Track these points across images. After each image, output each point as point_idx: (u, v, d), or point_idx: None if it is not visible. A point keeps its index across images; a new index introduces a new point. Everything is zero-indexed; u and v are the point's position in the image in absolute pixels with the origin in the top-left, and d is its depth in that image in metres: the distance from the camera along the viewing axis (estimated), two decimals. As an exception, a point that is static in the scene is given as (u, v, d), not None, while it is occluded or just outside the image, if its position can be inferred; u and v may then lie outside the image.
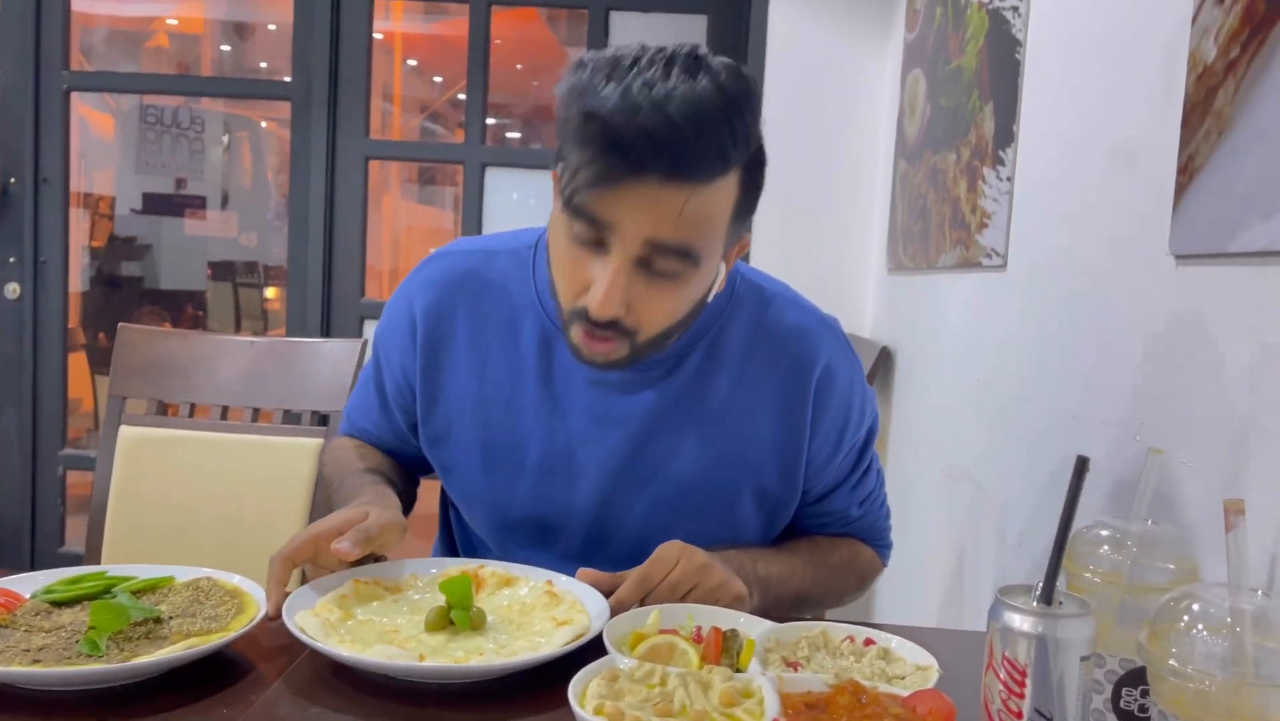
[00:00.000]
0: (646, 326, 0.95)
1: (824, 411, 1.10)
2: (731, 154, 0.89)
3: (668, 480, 1.07)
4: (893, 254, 2.46)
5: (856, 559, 1.22)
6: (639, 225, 0.88)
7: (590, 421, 1.06)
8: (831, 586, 1.17)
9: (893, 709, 0.73)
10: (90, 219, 5.66)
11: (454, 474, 1.14)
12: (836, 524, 1.22)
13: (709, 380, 1.07)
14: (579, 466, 1.07)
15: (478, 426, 1.10)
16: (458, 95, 6.45)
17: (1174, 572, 0.79)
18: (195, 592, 0.91)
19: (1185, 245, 1.00)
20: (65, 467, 3.16)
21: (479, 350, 1.09)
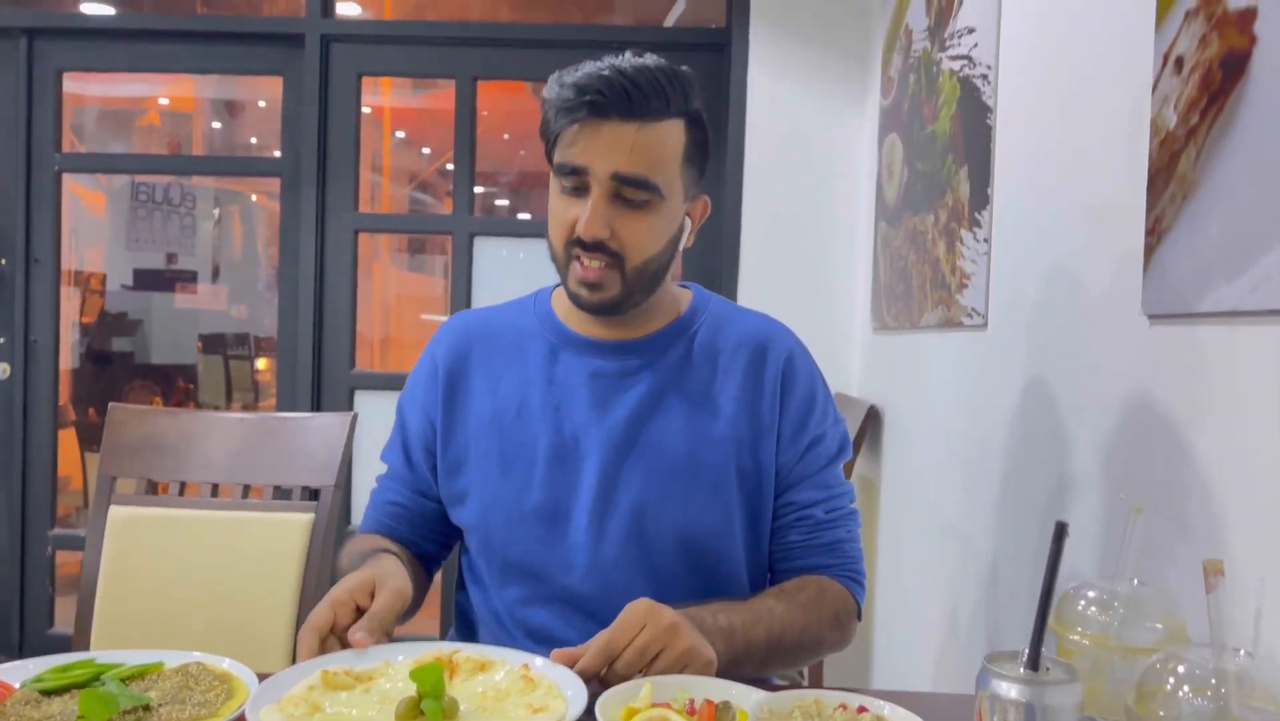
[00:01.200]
0: (630, 249, 1.13)
1: (790, 392, 1.21)
2: (672, 100, 1.11)
3: (660, 455, 1.18)
4: (877, 313, 2.49)
5: (824, 593, 1.19)
6: (605, 162, 1.10)
7: (591, 410, 1.19)
8: (804, 625, 1.14)
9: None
10: (81, 295, 5.68)
11: (471, 492, 1.22)
12: (804, 529, 1.22)
13: (688, 371, 1.21)
14: (583, 450, 1.18)
15: (493, 438, 1.21)
16: (446, 165, 6.53)
17: (1162, 632, 0.80)
18: (184, 678, 0.91)
19: (1157, 305, 1.02)
20: (54, 547, 3.13)
21: (491, 374, 1.24)
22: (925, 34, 2.07)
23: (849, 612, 1.21)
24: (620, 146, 1.10)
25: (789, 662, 1.15)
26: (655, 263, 1.16)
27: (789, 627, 1.12)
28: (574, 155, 1.11)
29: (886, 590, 2.31)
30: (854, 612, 1.22)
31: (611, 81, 1.09)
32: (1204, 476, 0.92)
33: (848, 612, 1.21)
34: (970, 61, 1.73)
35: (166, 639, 1.56)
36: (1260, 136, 0.86)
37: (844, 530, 1.23)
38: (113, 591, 1.61)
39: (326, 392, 3.06)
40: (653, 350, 1.21)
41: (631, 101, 1.09)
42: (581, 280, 1.14)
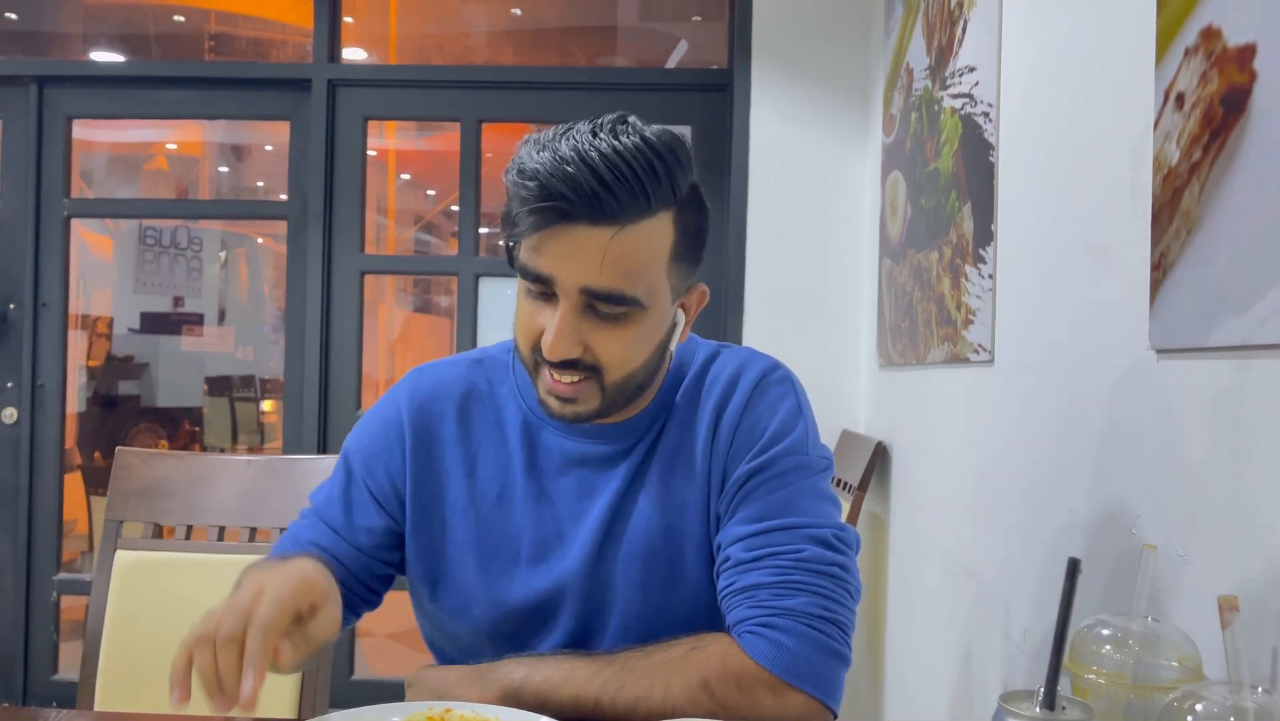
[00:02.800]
0: (608, 365, 1.00)
1: (723, 425, 1.07)
2: (655, 194, 0.95)
3: (635, 540, 1.07)
4: (883, 350, 2.49)
5: (693, 654, 0.96)
6: (573, 274, 0.95)
7: (574, 500, 1.09)
8: (637, 694, 0.93)
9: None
10: (88, 339, 5.70)
11: (446, 580, 1.12)
12: (724, 575, 1.03)
13: (671, 443, 1.09)
14: (567, 544, 1.09)
15: (470, 526, 1.11)
16: (451, 206, 6.58)
17: (1178, 670, 0.79)
18: None
19: (1165, 340, 1.02)
20: (59, 592, 3.12)
21: (469, 451, 1.12)
22: (926, 72, 2.09)
23: (736, 681, 0.94)
24: (589, 257, 0.93)
25: None
26: (641, 374, 1.03)
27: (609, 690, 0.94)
28: (538, 263, 0.96)
29: (897, 627, 2.29)
30: (751, 680, 0.94)
31: (578, 182, 0.91)
32: (1217, 511, 0.91)
33: (731, 680, 0.94)
34: (971, 99, 1.75)
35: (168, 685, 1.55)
36: (1263, 171, 0.87)
37: (768, 571, 0.99)
38: (119, 636, 1.60)
39: (333, 434, 3.06)
40: (639, 429, 1.10)
41: (602, 205, 0.92)
42: (552, 392, 1.01)
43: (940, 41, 1.99)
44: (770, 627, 0.96)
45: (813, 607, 0.97)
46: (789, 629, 0.95)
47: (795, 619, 0.96)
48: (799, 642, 0.95)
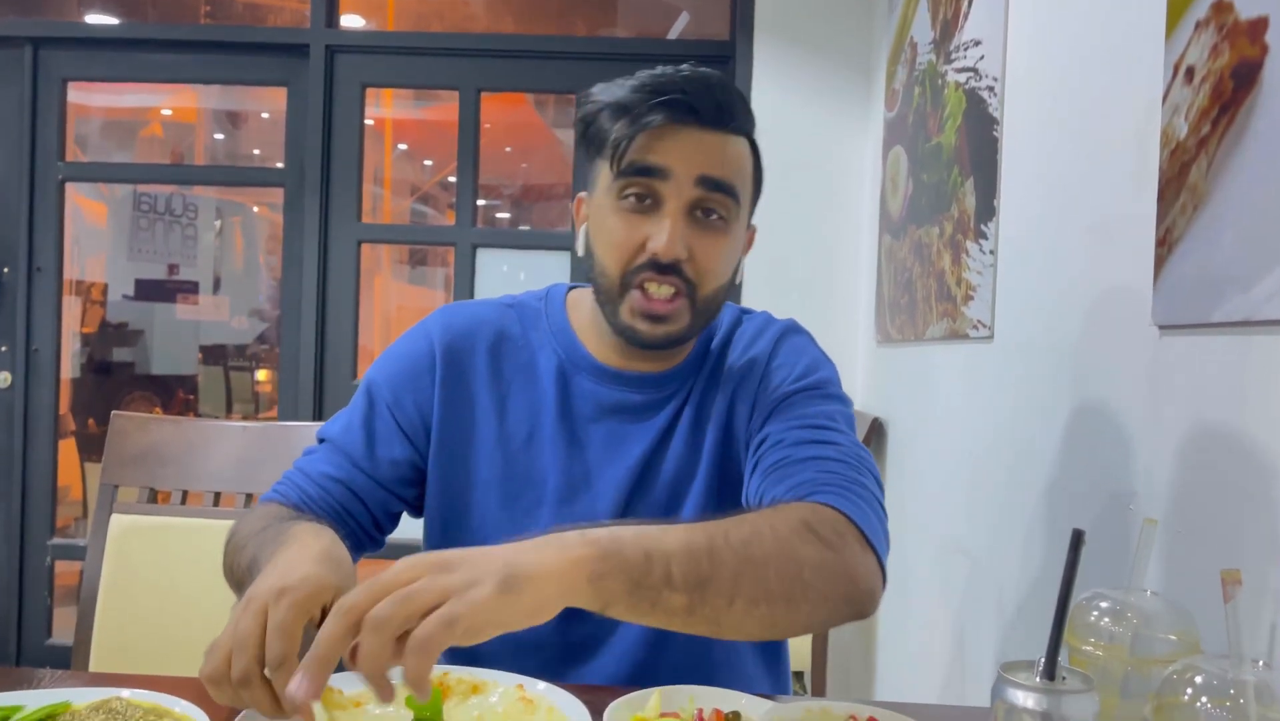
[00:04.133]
0: (704, 277, 1.02)
1: (752, 377, 1.09)
2: (745, 116, 1.03)
3: (663, 492, 1.08)
4: (881, 326, 2.49)
5: (781, 509, 0.88)
6: (691, 164, 0.99)
7: (605, 448, 1.09)
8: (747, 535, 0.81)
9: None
10: (82, 305, 5.68)
11: (465, 519, 1.12)
12: (766, 465, 0.99)
13: (705, 400, 1.11)
14: (595, 491, 1.09)
15: (497, 465, 1.10)
16: (448, 178, 6.54)
17: (1176, 644, 0.79)
18: (108, 716, 0.84)
19: (1168, 316, 1.02)
20: (53, 557, 3.12)
21: (499, 391, 1.12)
22: (930, 46, 2.07)
23: (832, 525, 0.86)
24: (709, 150, 0.99)
25: (755, 590, 0.79)
26: (723, 294, 1.06)
27: (719, 540, 0.79)
28: (652, 157, 0.99)
29: (890, 603, 2.30)
30: (843, 526, 0.87)
31: (696, 84, 0.99)
32: (1217, 487, 0.91)
33: (828, 524, 0.86)
34: (976, 74, 1.73)
35: (168, 647, 1.55)
36: (1272, 145, 0.86)
37: (833, 449, 0.97)
38: (114, 600, 1.60)
39: (328, 404, 3.06)
40: (675, 382, 1.11)
41: (720, 107, 1.00)
42: (646, 312, 1.00)
43: (945, 15, 1.97)
44: (851, 492, 0.92)
45: (879, 494, 0.96)
46: (867, 500, 0.92)
47: (869, 495, 0.93)
48: (875, 514, 0.92)
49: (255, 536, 0.97)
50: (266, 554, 0.88)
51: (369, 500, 1.12)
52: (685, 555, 0.76)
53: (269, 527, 0.97)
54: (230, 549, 1.06)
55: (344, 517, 1.11)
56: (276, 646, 0.72)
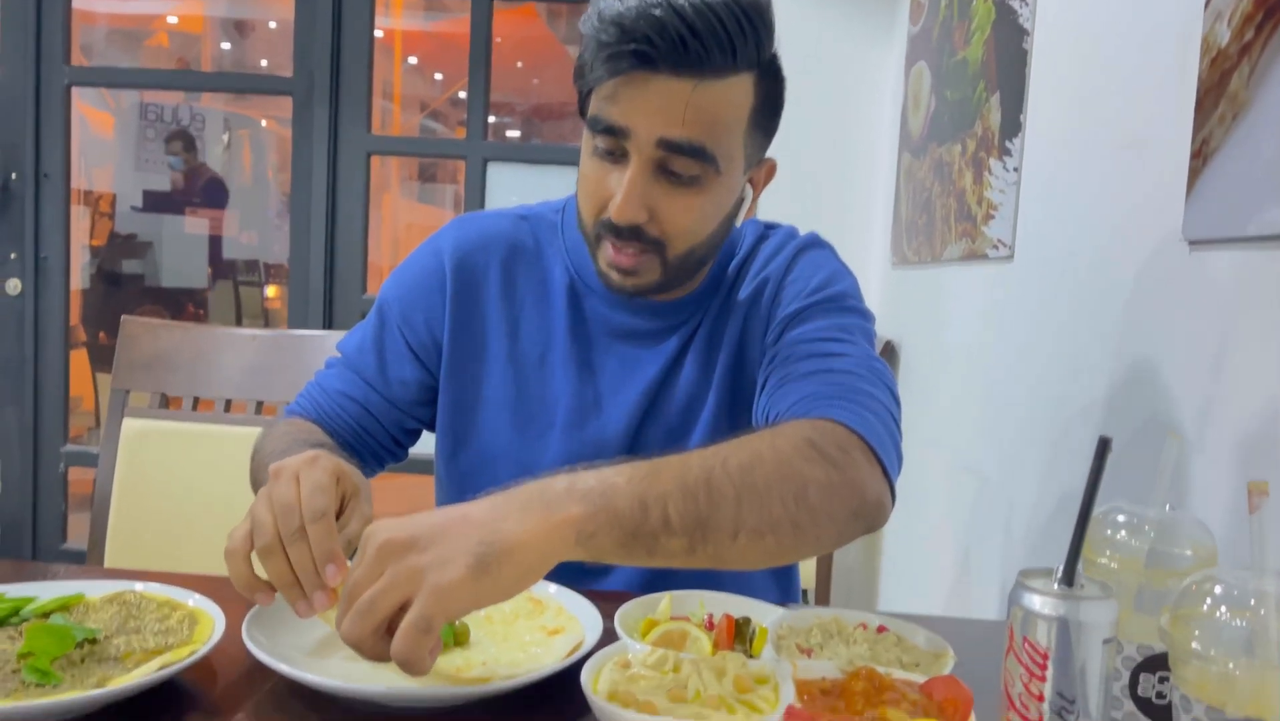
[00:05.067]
0: (672, 237, 0.95)
1: (765, 294, 1.06)
2: (740, 51, 0.90)
3: (675, 417, 1.07)
4: (896, 248, 2.45)
5: (783, 428, 0.83)
6: (651, 124, 0.89)
7: (617, 373, 1.07)
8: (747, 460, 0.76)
9: (909, 695, 0.72)
10: (91, 217, 5.65)
11: (475, 439, 1.11)
12: (773, 380, 0.96)
13: (721, 323, 1.07)
14: (606, 413, 1.07)
15: (509, 385, 1.09)
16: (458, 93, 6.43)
17: (1191, 558, 0.78)
18: (122, 608, 0.84)
19: (1199, 230, 0.99)
20: (67, 464, 3.15)
21: (511, 308, 1.10)
22: (959, -44, 2.00)
23: (836, 440, 0.82)
24: (671, 107, 0.88)
25: (759, 520, 0.74)
26: (704, 248, 0.99)
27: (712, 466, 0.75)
28: (613, 113, 0.90)
29: (898, 521, 2.31)
30: (848, 441, 0.83)
31: (664, 25, 0.85)
32: (1243, 403, 0.90)
33: (832, 440, 0.82)
34: (1006, -17, 1.68)
35: (180, 551, 1.57)
36: (1321, 51, 0.82)
37: (845, 361, 0.93)
38: (126, 504, 1.61)
39: (338, 319, 3.05)
40: (689, 308, 1.08)
41: (688, 52, 0.87)
42: (613, 264, 0.97)
43: (977, -78, 1.90)
44: (857, 404, 0.87)
45: (892, 406, 0.91)
46: (876, 411, 0.88)
47: (880, 406, 0.89)
48: (883, 426, 0.87)
49: (280, 454, 0.96)
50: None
51: (384, 419, 1.12)
52: (682, 494, 0.72)
53: (292, 449, 0.96)
54: (255, 463, 1.07)
55: (361, 435, 1.12)
56: (316, 500, 0.76)
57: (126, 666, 0.75)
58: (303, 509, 0.75)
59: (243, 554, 0.77)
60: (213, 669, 0.80)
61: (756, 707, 0.71)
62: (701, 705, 0.70)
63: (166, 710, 0.73)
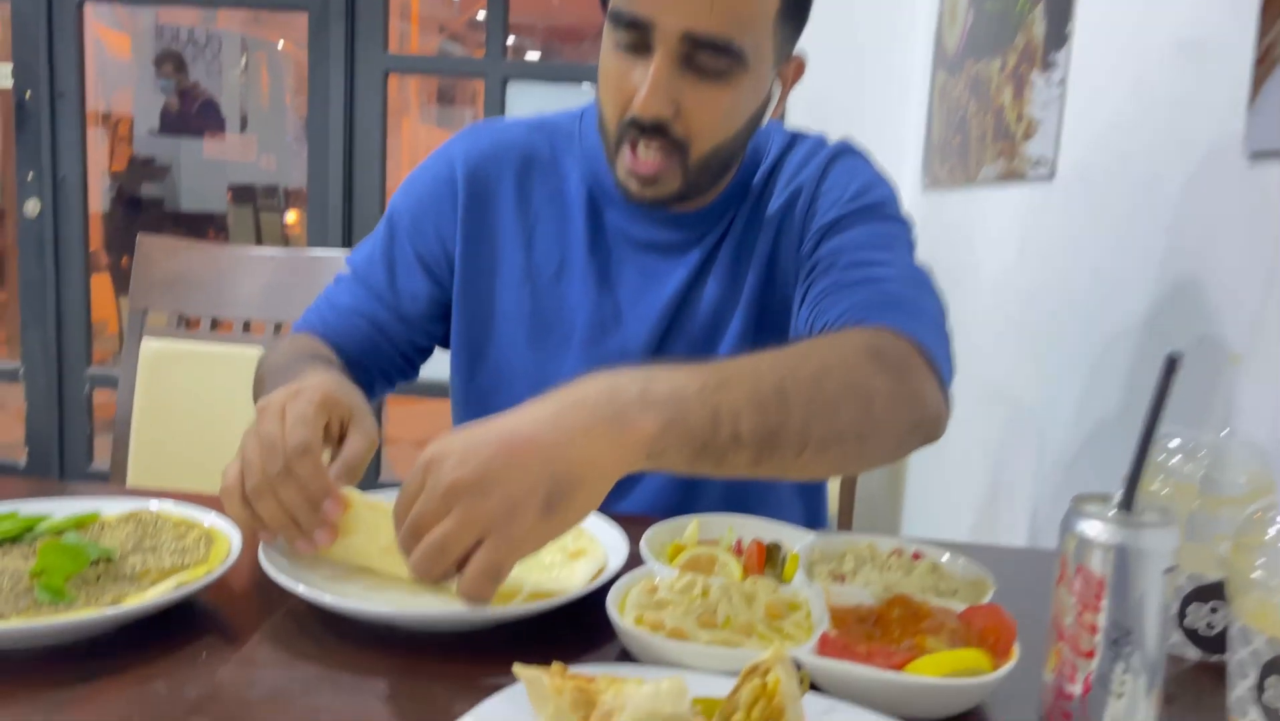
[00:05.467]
0: (696, 136, 0.91)
1: (798, 205, 1.01)
2: None
3: (698, 332, 1.03)
4: (929, 170, 2.38)
5: (838, 335, 0.81)
6: (676, 17, 0.85)
7: (637, 286, 1.04)
8: (822, 376, 0.72)
9: (948, 623, 0.70)
10: (109, 141, 5.61)
11: (491, 356, 1.07)
12: (813, 296, 0.92)
13: (747, 234, 1.03)
14: (626, 327, 1.04)
15: (524, 299, 1.05)
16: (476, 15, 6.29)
17: (1246, 486, 0.75)
18: (138, 526, 0.82)
19: (1263, 141, 0.93)
20: (92, 386, 3.16)
21: (526, 220, 1.06)
22: None
23: (896, 349, 0.79)
24: (699, 2, 0.85)
25: (826, 431, 0.70)
26: (727, 149, 0.95)
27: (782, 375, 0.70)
28: (637, 5, 0.87)
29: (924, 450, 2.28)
30: (907, 350, 0.80)
31: None
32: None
33: (892, 349, 0.79)
34: (1056, -116, 1.58)
35: (202, 471, 1.56)
36: None
37: (893, 269, 0.90)
38: (147, 424, 1.60)
39: (357, 240, 3.00)
40: (713, 217, 1.04)
41: None
42: (632, 171, 0.93)
43: None
44: (910, 313, 0.84)
45: (942, 316, 0.87)
46: (929, 320, 0.85)
47: (931, 315, 0.85)
48: (937, 335, 0.84)
49: (279, 373, 0.94)
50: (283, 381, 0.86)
51: (393, 335, 1.08)
52: (754, 406, 0.67)
53: (290, 367, 0.94)
54: (258, 379, 1.04)
55: (371, 351, 1.08)
56: (298, 434, 0.73)
57: (142, 586, 0.73)
58: (285, 446, 0.72)
59: (237, 494, 0.74)
60: (230, 589, 0.78)
61: (788, 634, 0.68)
62: (732, 631, 0.68)
63: (182, 630, 0.71)
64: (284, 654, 0.68)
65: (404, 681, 0.66)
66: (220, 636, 0.71)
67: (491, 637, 0.71)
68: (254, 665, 0.67)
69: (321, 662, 0.67)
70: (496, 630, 0.72)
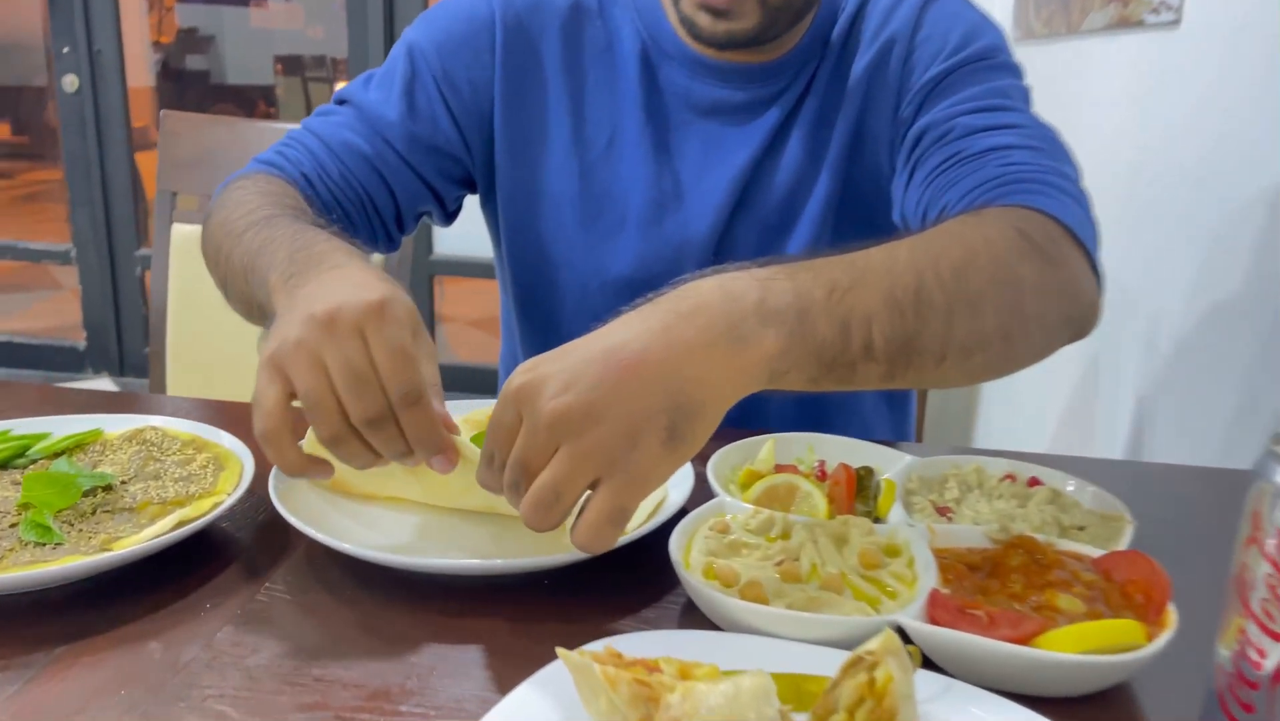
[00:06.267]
0: None
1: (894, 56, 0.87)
2: None
3: (773, 209, 0.90)
4: (1021, 19, 2.15)
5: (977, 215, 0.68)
6: None
7: (701, 156, 0.91)
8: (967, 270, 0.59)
9: (1083, 575, 0.58)
10: (156, 11, 5.45)
11: (536, 240, 0.94)
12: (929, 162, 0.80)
13: (829, 92, 0.90)
14: (690, 212, 0.91)
15: (572, 176, 0.92)
16: None
17: None
18: (142, 447, 0.73)
19: None
20: (144, 268, 3.12)
21: (574, 83, 0.92)
22: None
23: (1046, 233, 0.67)
24: None
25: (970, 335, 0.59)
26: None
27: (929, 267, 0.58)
28: None
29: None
30: (1058, 233, 0.68)
31: None
32: None
33: (1042, 232, 0.66)
34: None
35: (243, 365, 1.49)
36: None
37: (1020, 135, 0.77)
38: (183, 315, 1.53)
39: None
40: (788, 73, 0.90)
41: None
42: (704, 4, 0.83)
43: None
44: (1053, 187, 0.71)
45: (1082, 188, 0.74)
46: (1074, 196, 0.72)
47: (1075, 189, 0.72)
48: (1085, 212, 0.72)
49: (262, 225, 0.72)
50: (279, 254, 0.65)
51: (396, 188, 0.90)
52: (889, 310, 0.56)
53: (276, 217, 0.73)
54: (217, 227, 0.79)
55: (362, 205, 0.90)
56: (404, 375, 0.54)
57: (139, 522, 0.64)
58: (388, 387, 0.54)
59: (285, 430, 0.55)
60: (239, 524, 0.69)
61: (888, 588, 0.57)
62: (821, 585, 0.57)
63: (184, 571, 0.62)
64: (297, 610, 0.59)
65: (437, 645, 0.56)
66: (230, 578, 0.62)
67: (534, 587, 0.61)
68: (264, 621, 0.58)
69: (340, 620, 0.58)
70: (538, 578, 0.62)
